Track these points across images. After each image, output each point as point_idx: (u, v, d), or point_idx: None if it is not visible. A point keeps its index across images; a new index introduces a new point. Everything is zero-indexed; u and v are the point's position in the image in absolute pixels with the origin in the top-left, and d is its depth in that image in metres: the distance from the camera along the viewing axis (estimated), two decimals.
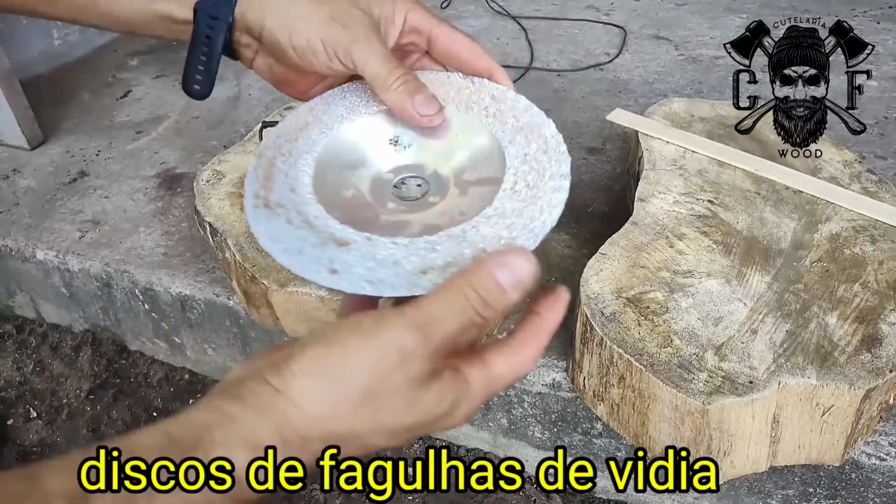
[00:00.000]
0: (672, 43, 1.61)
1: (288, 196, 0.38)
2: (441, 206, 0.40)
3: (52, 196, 1.23)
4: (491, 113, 0.42)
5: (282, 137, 0.42)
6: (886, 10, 1.66)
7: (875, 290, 0.75)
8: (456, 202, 0.39)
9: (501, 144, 0.40)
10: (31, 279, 1.16)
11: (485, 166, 0.40)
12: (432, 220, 0.38)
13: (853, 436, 0.71)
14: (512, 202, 0.36)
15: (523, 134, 0.40)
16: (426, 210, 0.40)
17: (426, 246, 0.35)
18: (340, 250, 0.35)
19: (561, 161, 0.38)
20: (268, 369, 0.30)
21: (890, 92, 1.35)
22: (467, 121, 0.42)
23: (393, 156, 0.43)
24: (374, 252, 0.35)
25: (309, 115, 0.44)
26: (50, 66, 1.66)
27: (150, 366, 1.14)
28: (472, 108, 0.43)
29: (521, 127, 0.41)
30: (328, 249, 0.35)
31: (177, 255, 1.07)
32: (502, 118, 0.42)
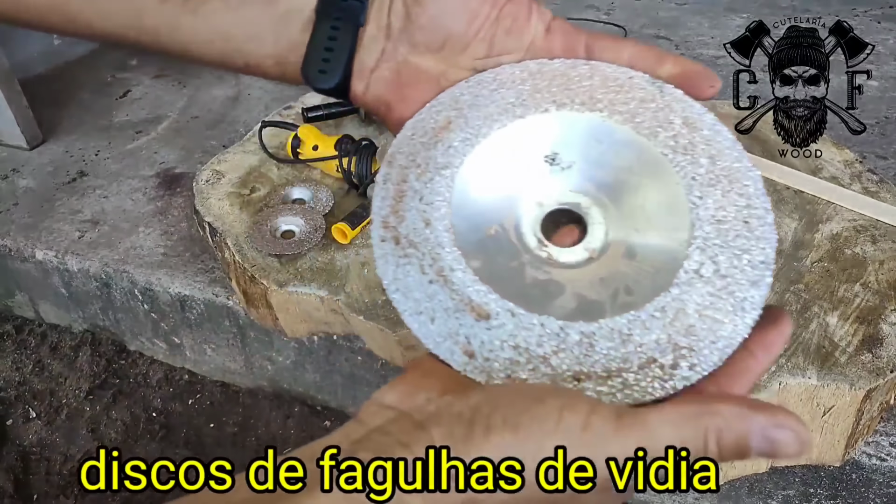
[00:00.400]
0: (672, 42, 1.61)
1: (421, 231, 0.30)
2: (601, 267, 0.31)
3: (51, 196, 1.23)
4: (681, 145, 0.31)
5: (417, 138, 0.33)
6: (887, 10, 1.66)
7: (876, 290, 0.75)
8: (621, 267, 0.31)
9: (690, 198, 0.30)
10: (31, 279, 1.16)
11: (662, 224, 0.30)
12: (588, 290, 0.30)
13: (854, 436, 0.71)
14: (694, 293, 0.28)
15: (720, 187, 0.30)
16: (582, 268, 0.31)
17: (581, 341, 0.28)
18: (479, 325, 0.28)
19: (765, 238, 0.28)
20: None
21: (891, 91, 1.35)
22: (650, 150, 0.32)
23: (546, 179, 0.33)
24: (518, 335, 0.28)
25: (451, 109, 0.34)
26: (49, 66, 1.66)
27: (150, 366, 1.13)
28: (658, 134, 0.32)
29: (717, 175, 0.31)
30: (464, 320, 0.28)
31: (176, 255, 1.07)
32: (695, 156, 0.31)
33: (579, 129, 0.33)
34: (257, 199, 0.96)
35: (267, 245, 0.87)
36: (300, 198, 0.96)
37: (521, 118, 0.33)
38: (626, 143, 0.32)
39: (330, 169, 0.98)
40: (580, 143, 0.33)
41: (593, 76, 0.34)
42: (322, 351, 0.96)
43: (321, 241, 0.87)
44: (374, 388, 0.97)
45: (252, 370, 1.06)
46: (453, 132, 0.33)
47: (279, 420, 1.04)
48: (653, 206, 0.31)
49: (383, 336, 0.79)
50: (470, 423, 0.25)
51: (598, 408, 0.25)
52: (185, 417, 1.06)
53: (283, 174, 1.01)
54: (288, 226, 0.90)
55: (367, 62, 0.37)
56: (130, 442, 1.04)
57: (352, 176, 0.95)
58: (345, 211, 0.91)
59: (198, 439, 1.04)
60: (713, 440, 0.25)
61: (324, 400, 1.03)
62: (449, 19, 0.35)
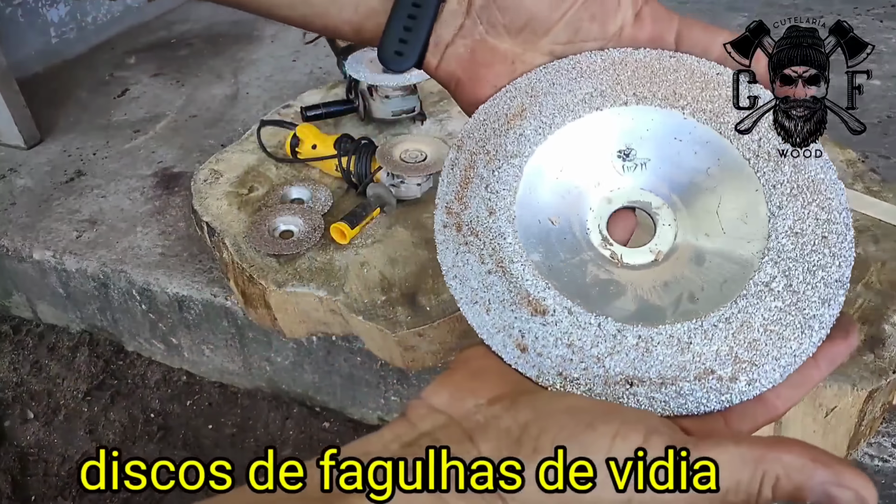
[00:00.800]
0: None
1: (484, 220, 0.30)
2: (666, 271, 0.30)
3: (48, 195, 1.22)
4: (765, 150, 0.31)
5: (488, 125, 0.33)
6: (889, 9, 1.66)
7: (878, 290, 0.75)
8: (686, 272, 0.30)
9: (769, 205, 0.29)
10: (28, 279, 1.16)
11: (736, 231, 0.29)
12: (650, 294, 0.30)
13: (856, 437, 0.71)
14: (763, 307, 0.27)
15: (801, 198, 0.29)
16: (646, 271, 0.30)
17: (638, 345, 0.27)
18: (534, 320, 0.28)
19: (842, 256, 0.27)
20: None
21: (893, 91, 1.35)
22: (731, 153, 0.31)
23: (617, 176, 0.32)
24: (574, 334, 0.28)
25: (526, 96, 0.33)
26: (47, 65, 1.65)
27: (148, 367, 1.13)
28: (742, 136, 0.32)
29: (800, 185, 0.30)
30: (520, 314, 0.28)
31: (174, 254, 1.06)
32: (779, 163, 0.31)
33: (658, 126, 0.31)
34: (256, 198, 0.95)
35: (265, 245, 0.86)
36: (299, 197, 0.95)
37: (598, 110, 0.32)
38: (706, 143, 0.31)
39: (329, 168, 0.98)
40: (657, 140, 0.31)
41: (679, 70, 0.32)
42: (321, 351, 0.95)
43: (320, 241, 0.87)
44: (374, 388, 0.96)
45: (250, 371, 1.05)
46: (526, 120, 0.32)
47: (278, 421, 1.03)
48: (728, 211, 0.30)
49: (382, 336, 0.79)
50: (518, 442, 0.25)
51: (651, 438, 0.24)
52: (184, 418, 1.06)
53: (282, 173, 1.00)
54: (286, 225, 0.89)
55: (443, 36, 0.36)
56: (128, 443, 1.04)
57: (351, 175, 0.94)
58: (344, 210, 0.90)
59: (196, 440, 1.03)
60: (769, 487, 0.24)
61: (323, 401, 1.03)
62: (532, 2, 0.34)
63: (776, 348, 0.26)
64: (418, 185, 0.92)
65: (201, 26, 1.84)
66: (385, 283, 0.82)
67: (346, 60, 1.07)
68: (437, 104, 1.13)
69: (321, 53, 1.51)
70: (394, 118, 1.07)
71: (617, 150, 0.32)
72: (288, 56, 1.65)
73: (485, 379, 0.28)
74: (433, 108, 1.12)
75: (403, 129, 1.08)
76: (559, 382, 0.27)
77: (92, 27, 1.78)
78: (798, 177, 0.30)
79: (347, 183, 0.96)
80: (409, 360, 0.81)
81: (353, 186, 0.95)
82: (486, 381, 0.28)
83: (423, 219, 0.91)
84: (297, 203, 0.94)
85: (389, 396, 0.96)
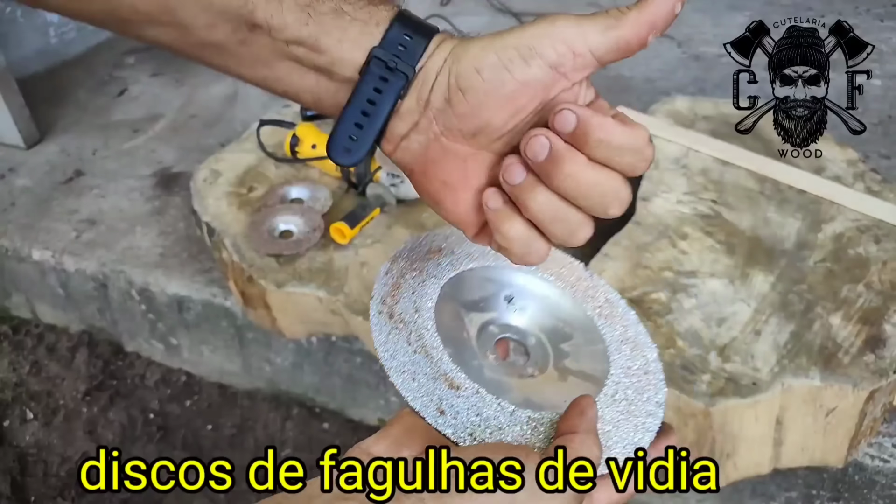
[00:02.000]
0: (675, 41, 1.60)
1: (411, 315, 0.39)
2: (540, 383, 0.40)
3: (48, 196, 1.22)
4: (604, 314, 0.43)
5: (415, 252, 0.43)
6: (889, 8, 1.66)
7: (879, 290, 0.75)
8: (556, 385, 0.40)
9: (608, 348, 0.41)
10: (27, 279, 1.16)
11: (588, 362, 0.40)
12: (533, 395, 0.39)
13: (857, 437, 0.71)
14: (611, 411, 0.37)
15: (629, 347, 0.41)
16: (525, 380, 0.40)
17: (529, 422, 0.36)
18: (450, 392, 0.36)
19: (659, 388, 0.39)
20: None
21: (894, 91, 1.35)
22: (583, 313, 0.43)
23: (504, 312, 0.43)
24: (481, 408, 0.36)
25: (444, 241, 0.44)
26: (46, 65, 1.65)
27: (147, 367, 1.13)
28: (588, 302, 0.43)
29: (628, 339, 0.41)
30: (439, 386, 0.36)
31: (173, 255, 1.06)
32: (613, 323, 0.42)
33: (533, 286, 0.44)
34: (255, 198, 0.95)
35: (265, 245, 0.86)
36: (298, 197, 0.95)
37: (492, 265, 0.43)
38: (565, 304, 0.43)
39: (328, 168, 0.98)
40: (532, 295, 0.43)
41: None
42: (321, 352, 0.95)
43: (319, 241, 0.87)
44: (374, 389, 0.96)
45: (250, 371, 1.05)
46: (444, 255, 0.43)
47: (277, 422, 1.03)
48: (582, 350, 0.41)
49: None
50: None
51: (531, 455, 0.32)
52: (183, 419, 1.06)
53: (282, 173, 1.00)
54: (286, 225, 0.89)
55: (399, 129, 0.36)
56: (128, 444, 1.03)
57: (350, 175, 0.94)
58: (343, 210, 0.90)
59: (195, 441, 1.03)
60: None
61: (322, 401, 1.02)
62: (490, 113, 0.34)
63: (622, 438, 0.36)
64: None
65: None
66: None
67: None
68: None
69: None
70: None
71: (504, 295, 0.43)
72: None
73: (416, 434, 0.34)
74: None
75: None
76: (469, 441, 0.34)
77: (91, 27, 1.77)
78: (626, 334, 0.42)
79: (347, 183, 0.96)
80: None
81: (353, 186, 0.95)
82: (416, 436, 0.34)
83: (423, 219, 0.91)
84: (296, 203, 0.94)
85: (389, 397, 0.96)
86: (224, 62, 0.37)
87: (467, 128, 0.35)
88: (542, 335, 0.42)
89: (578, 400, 0.36)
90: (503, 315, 0.42)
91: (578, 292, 0.44)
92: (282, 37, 0.35)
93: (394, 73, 0.35)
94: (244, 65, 0.37)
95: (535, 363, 0.41)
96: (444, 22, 1.63)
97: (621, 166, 0.33)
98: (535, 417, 0.36)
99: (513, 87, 0.33)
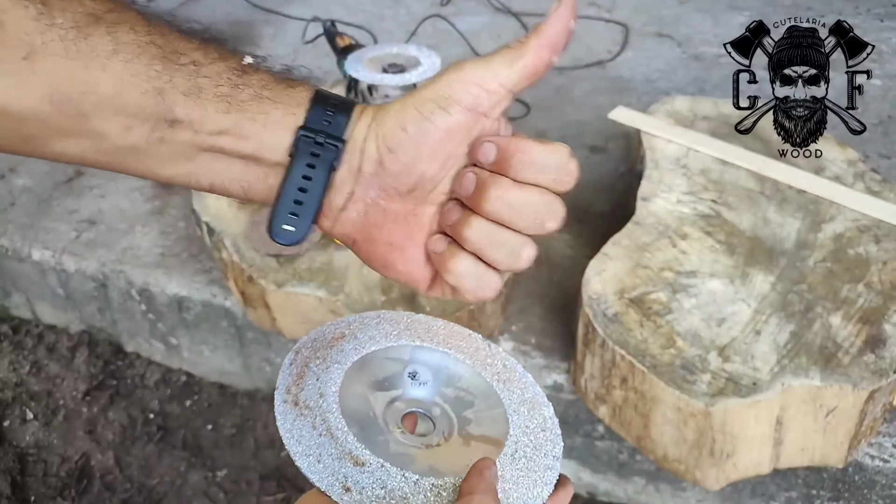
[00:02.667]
0: (675, 41, 1.61)
1: (316, 400, 0.42)
2: (445, 451, 0.43)
3: (48, 195, 1.22)
4: (502, 379, 0.46)
5: (318, 341, 0.46)
6: (889, 8, 1.66)
7: (879, 290, 0.75)
8: (460, 451, 0.43)
9: (507, 411, 0.44)
10: (27, 279, 1.16)
11: (489, 426, 0.44)
12: (437, 463, 0.41)
13: (857, 437, 0.71)
14: (511, 469, 0.40)
15: (527, 407, 0.45)
16: (431, 450, 0.43)
17: (433, 489, 0.38)
18: (355, 469, 0.38)
19: (556, 443, 0.43)
20: None
21: (894, 91, 1.35)
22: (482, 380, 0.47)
23: (409, 388, 0.46)
24: (386, 480, 0.38)
25: (346, 328, 0.48)
26: None
27: (147, 367, 1.13)
28: (487, 369, 0.47)
29: (525, 400, 0.45)
30: (344, 464, 0.38)
31: (173, 255, 1.06)
32: (510, 387, 0.46)
33: (435, 360, 0.47)
34: None
35: (265, 245, 0.86)
36: None
37: (395, 345, 0.47)
38: (466, 373, 0.47)
39: None
40: (435, 369, 0.47)
41: (447, 327, 0.49)
42: None
43: (319, 241, 0.87)
44: None
45: (250, 371, 1.05)
46: (347, 341, 0.46)
47: None
48: (484, 415, 0.45)
49: None
50: None
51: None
52: (183, 419, 1.06)
53: None
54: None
55: (335, 202, 0.37)
56: (128, 444, 1.03)
57: None
58: None
59: (195, 441, 1.03)
60: None
61: None
62: (422, 165, 0.36)
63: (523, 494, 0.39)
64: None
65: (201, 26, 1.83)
66: (385, 283, 0.82)
67: (345, 60, 1.06)
68: None
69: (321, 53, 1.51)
70: None
71: (408, 372, 0.46)
72: (288, 56, 1.65)
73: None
74: None
75: None
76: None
77: None
78: (524, 396, 0.46)
79: None
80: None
81: None
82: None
83: None
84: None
85: None
86: (142, 164, 0.36)
87: (404, 185, 0.36)
88: (445, 405, 0.45)
89: (478, 462, 0.38)
90: (408, 391, 0.46)
91: (478, 361, 0.48)
92: (204, 129, 0.35)
93: (324, 148, 0.36)
94: (166, 164, 0.36)
95: (441, 432, 0.44)
96: (445, 22, 1.63)
97: (547, 182, 0.35)
98: (439, 484, 0.38)
99: (438, 136, 0.35)
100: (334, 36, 1.22)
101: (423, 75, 1.02)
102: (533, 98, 1.39)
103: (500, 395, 0.45)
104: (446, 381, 0.47)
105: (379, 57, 1.06)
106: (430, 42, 1.59)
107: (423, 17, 1.67)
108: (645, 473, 0.87)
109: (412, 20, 1.71)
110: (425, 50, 1.07)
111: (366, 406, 0.44)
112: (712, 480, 0.72)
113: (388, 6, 1.88)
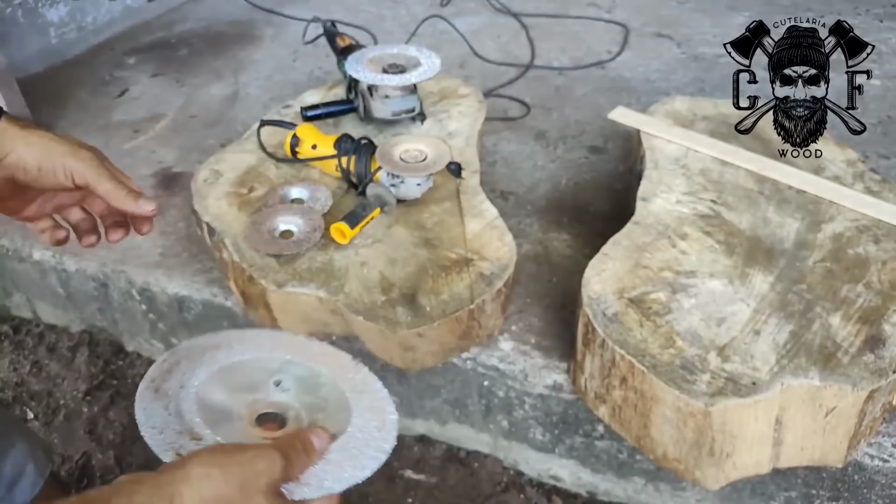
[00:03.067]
0: (674, 41, 1.61)
1: (175, 390, 0.50)
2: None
3: None
4: (357, 390, 0.55)
5: (195, 347, 0.55)
6: (889, 9, 1.66)
7: (878, 290, 0.75)
8: None
9: (353, 414, 0.52)
10: (28, 279, 1.16)
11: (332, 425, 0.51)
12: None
13: (856, 437, 0.71)
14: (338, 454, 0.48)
15: (372, 413, 0.53)
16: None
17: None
18: (192, 442, 0.46)
19: (389, 441, 0.51)
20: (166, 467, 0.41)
21: (893, 91, 1.35)
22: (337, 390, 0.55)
23: (271, 392, 0.54)
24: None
25: (225, 339, 0.57)
26: (47, 65, 1.65)
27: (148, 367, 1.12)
28: (346, 382, 0.55)
29: (373, 407, 0.54)
30: (183, 438, 0.46)
31: (174, 255, 1.06)
32: (362, 397, 0.54)
33: (300, 372, 0.56)
34: (255, 198, 0.95)
35: (265, 245, 0.86)
36: (299, 197, 0.95)
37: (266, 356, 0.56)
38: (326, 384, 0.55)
39: (329, 168, 0.98)
40: (298, 379, 0.55)
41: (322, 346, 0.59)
42: None
43: (320, 241, 0.87)
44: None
45: None
46: (221, 350, 0.55)
47: None
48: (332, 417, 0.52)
49: (382, 337, 0.78)
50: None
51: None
52: None
53: (282, 173, 1.00)
54: (286, 225, 0.89)
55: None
56: (128, 444, 1.03)
57: (351, 175, 0.94)
58: (344, 210, 0.90)
59: None
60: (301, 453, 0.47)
61: None
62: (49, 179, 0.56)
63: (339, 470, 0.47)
64: (418, 185, 0.92)
65: (201, 26, 1.84)
66: (385, 283, 0.82)
67: (346, 60, 1.07)
68: (437, 104, 1.13)
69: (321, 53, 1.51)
70: (394, 118, 1.06)
71: (274, 380, 0.54)
72: (288, 56, 1.65)
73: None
74: (433, 107, 1.12)
75: (403, 128, 1.08)
76: None
77: (92, 27, 1.78)
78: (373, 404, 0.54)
79: (347, 183, 0.96)
80: (409, 360, 0.81)
81: (353, 186, 0.95)
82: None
83: (423, 219, 0.91)
84: (296, 203, 0.94)
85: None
86: None
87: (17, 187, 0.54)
88: (301, 409, 0.53)
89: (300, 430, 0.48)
90: (270, 395, 0.53)
91: (339, 376, 0.56)
92: None
93: None
94: None
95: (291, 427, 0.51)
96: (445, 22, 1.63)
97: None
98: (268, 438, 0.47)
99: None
100: (334, 36, 1.22)
101: (423, 75, 1.02)
102: (533, 98, 1.39)
103: (350, 402, 0.53)
104: (307, 390, 0.54)
105: (379, 57, 1.06)
106: (430, 42, 1.60)
107: (423, 17, 1.67)
108: (645, 473, 0.87)
109: (412, 21, 1.72)
110: (425, 50, 1.07)
111: (224, 402, 0.51)
112: (712, 480, 0.72)
113: (388, 6, 1.88)
